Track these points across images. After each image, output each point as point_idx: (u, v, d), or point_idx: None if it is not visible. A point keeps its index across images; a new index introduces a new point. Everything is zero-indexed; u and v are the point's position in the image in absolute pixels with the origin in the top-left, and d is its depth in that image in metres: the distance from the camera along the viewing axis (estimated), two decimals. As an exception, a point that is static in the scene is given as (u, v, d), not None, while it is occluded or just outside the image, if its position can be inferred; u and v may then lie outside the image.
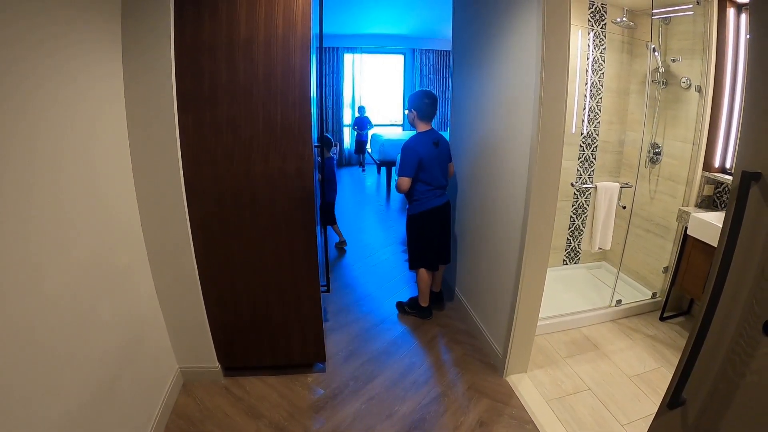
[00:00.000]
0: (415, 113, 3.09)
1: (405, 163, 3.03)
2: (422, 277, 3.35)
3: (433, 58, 9.46)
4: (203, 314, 2.48)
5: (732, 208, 1.15)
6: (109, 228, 1.92)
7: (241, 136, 2.20)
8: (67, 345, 1.58)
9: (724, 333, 1.25)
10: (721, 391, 1.27)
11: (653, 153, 3.53)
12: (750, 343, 1.17)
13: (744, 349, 1.20)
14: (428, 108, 3.05)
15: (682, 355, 1.39)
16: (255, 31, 2.09)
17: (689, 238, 3.04)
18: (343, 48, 8.90)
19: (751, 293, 1.17)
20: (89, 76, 1.76)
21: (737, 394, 1.22)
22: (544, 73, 2.17)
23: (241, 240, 2.39)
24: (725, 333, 1.25)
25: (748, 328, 1.18)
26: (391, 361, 2.92)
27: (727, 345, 1.25)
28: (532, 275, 2.52)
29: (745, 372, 1.20)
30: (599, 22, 3.49)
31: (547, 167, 2.33)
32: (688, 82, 3.17)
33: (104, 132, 1.89)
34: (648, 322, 3.39)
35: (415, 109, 3.07)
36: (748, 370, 1.19)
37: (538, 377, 2.75)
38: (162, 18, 1.98)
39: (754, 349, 1.16)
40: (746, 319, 1.19)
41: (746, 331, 1.19)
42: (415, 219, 3.20)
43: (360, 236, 5.37)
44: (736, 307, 1.21)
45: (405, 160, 3.03)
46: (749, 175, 1.10)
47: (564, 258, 4.12)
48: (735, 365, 1.23)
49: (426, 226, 3.21)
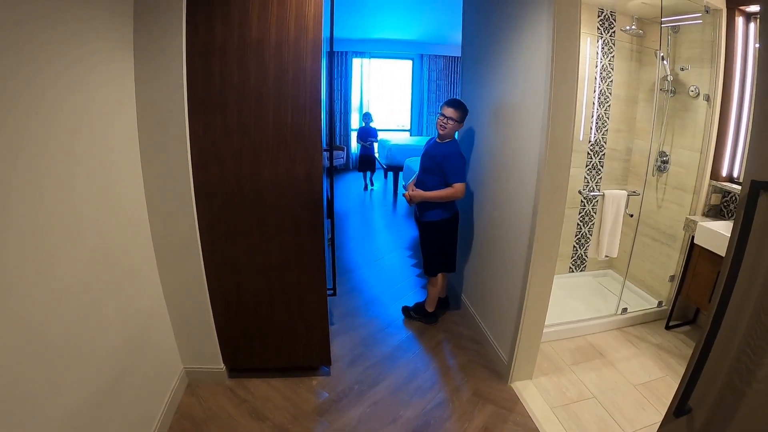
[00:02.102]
0: (461, 124, 3.08)
1: (460, 169, 3.01)
2: (438, 282, 3.37)
3: (441, 64, 9.49)
4: (209, 315, 2.48)
5: (740, 217, 1.15)
6: (117, 227, 1.93)
7: (251, 139, 2.21)
8: (73, 342, 1.59)
9: (731, 341, 1.25)
10: (728, 399, 1.27)
11: (661, 161, 3.52)
12: (757, 351, 1.17)
13: (751, 358, 1.19)
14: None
15: (689, 363, 1.38)
16: (266, 33, 2.10)
17: (696, 247, 3.03)
18: (352, 52, 8.93)
19: (759, 302, 1.17)
20: (100, 77, 1.77)
21: (744, 403, 1.22)
22: (554, 79, 2.17)
23: (248, 242, 2.39)
24: (732, 341, 1.25)
25: (756, 337, 1.18)
26: (396, 366, 2.92)
27: (734, 354, 1.25)
28: (539, 283, 2.52)
29: (752, 381, 1.19)
30: (608, 30, 3.50)
31: (555, 175, 2.34)
32: (696, 91, 3.17)
33: (115, 133, 1.91)
34: (653, 331, 3.38)
35: (463, 121, 3.07)
36: (754, 379, 1.18)
37: (543, 384, 2.75)
38: (174, 20, 1.99)
39: (761, 357, 1.16)
40: (754, 328, 1.18)
41: (753, 340, 1.18)
42: (441, 224, 3.18)
43: (367, 240, 5.39)
44: (744, 316, 1.21)
45: (460, 166, 3.01)
46: (758, 184, 1.10)
47: (570, 265, 4.11)
48: (742, 374, 1.22)
49: (451, 230, 3.23)
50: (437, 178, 3.05)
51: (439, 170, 3.03)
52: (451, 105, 3.02)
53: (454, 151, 3.02)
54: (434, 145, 3.15)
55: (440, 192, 3.02)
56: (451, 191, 3.00)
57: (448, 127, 3.00)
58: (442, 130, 3.03)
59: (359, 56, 9.04)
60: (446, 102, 3.07)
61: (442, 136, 3.08)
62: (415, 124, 9.85)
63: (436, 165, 3.05)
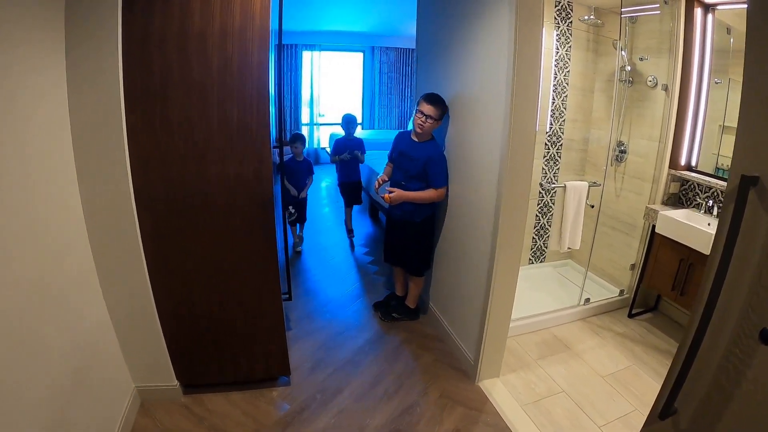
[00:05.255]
0: (439, 122, 2.86)
1: (445, 172, 2.89)
2: (422, 279, 3.29)
3: (393, 57, 9.36)
4: (158, 329, 2.30)
5: (729, 212, 1.10)
6: (51, 241, 1.74)
7: (195, 136, 2.03)
8: (12, 374, 1.43)
9: (717, 341, 1.20)
10: (715, 400, 1.22)
11: (618, 151, 3.54)
12: (746, 351, 1.13)
13: (739, 358, 1.15)
14: None
15: (674, 364, 1.33)
16: (210, 21, 1.92)
17: (657, 236, 3.05)
18: (302, 45, 8.67)
19: (747, 300, 1.12)
20: (26, 73, 1.57)
21: (732, 404, 1.18)
22: (516, 68, 2.10)
23: (196, 249, 2.22)
24: (719, 341, 1.20)
25: (744, 336, 1.13)
26: (359, 371, 2.80)
27: (721, 353, 1.20)
28: (504, 279, 2.46)
29: (740, 381, 1.15)
30: (565, 20, 3.47)
31: (518, 167, 2.27)
32: (654, 81, 3.18)
33: (44, 135, 1.70)
34: (617, 320, 3.40)
35: (441, 119, 2.85)
36: (743, 379, 1.14)
37: (511, 381, 2.69)
38: (109, 6, 1.79)
39: (749, 357, 1.12)
40: (741, 327, 1.14)
41: (741, 339, 1.14)
42: (426, 222, 3.06)
43: (316, 239, 5.16)
44: (731, 315, 1.16)
45: (445, 169, 2.89)
46: (748, 179, 1.04)
47: (530, 257, 4.10)
48: (729, 374, 1.18)
49: (433, 225, 3.13)
50: (419, 183, 2.91)
51: (423, 174, 2.88)
52: (429, 101, 2.77)
53: (437, 153, 2.87)
54: (413, 146, 2.93)
55: (423, 194, 2.90)
56: (435, 194, 2.88)
57: (426, 126, 2.79)
58: (420, 129, 2.82)
59: (309, 49, 8.79)
60: (424, 97, 2.80)
61: (419, 135, 2.89)
62: (367, 117, 9.69)
63: (418, 168, 2.88)
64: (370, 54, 9.29)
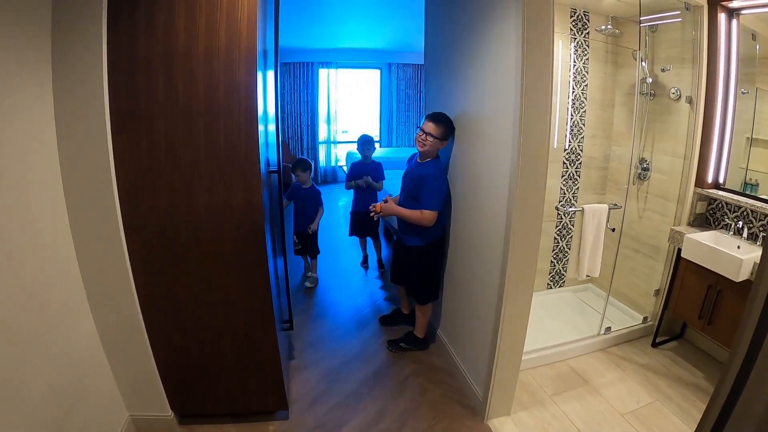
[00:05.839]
0: (444, 142, 2.73)
1: (435, 195, 2.69)
2: (430, 308, 3.13)
3: (410, 73, 9.25)
4: (150, 359, 2.25)
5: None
6: (40, 267, 1.76)
7: (181, 162, 1.93)
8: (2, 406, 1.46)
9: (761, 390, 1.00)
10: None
11: (641, 168, 3.33)
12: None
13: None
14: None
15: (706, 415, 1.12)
16: (195, 41, 1.83)
17: (682, 261, 2.83)
18: (318, 63, 8.64)
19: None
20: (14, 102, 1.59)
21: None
22: (525, 84, 1.94)
23: (187, 279, 2.12)
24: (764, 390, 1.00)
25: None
26: (362, 405, 2.63)
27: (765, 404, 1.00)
28: (515, 310, 2.27)
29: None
30: (582, 31, 3.29)
31: (529, 189, 2.10)
32: (677, 93, 2.98)
33: (33, 161, 1.73)
34: (639, 350, 3.17)
35: (446, 138, 2.72)
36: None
37: (523, 420, 2.50)
38: (94, 28, 1.77)
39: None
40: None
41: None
42: (432, 247, 2.91)
43: (332, 261, 5.00)
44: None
45: (436, 191, 2.69)
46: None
47: (548, 282, 3.88)
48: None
49: (440, 252, 2.98)
50: (416, 204, 2.77)
51: (417, 193, 2.74)
52: (431, 119, 2.68)
53: (433, 173, 2.72)
54: (415, 166, 2.83)
55: (409, 212, 2.75)
56: (418, 216, 2.71)
57: (427, 144, 2.67)
58: (422, 147, 2.71)
59: (326, 66, 8.75)
60: (428, 116, 2.73)
61: (422, 155, 2.78)
62: (385, 135, 9.58)
63: (415, 188, 2.75)
64: (387, 71, 9.20)
